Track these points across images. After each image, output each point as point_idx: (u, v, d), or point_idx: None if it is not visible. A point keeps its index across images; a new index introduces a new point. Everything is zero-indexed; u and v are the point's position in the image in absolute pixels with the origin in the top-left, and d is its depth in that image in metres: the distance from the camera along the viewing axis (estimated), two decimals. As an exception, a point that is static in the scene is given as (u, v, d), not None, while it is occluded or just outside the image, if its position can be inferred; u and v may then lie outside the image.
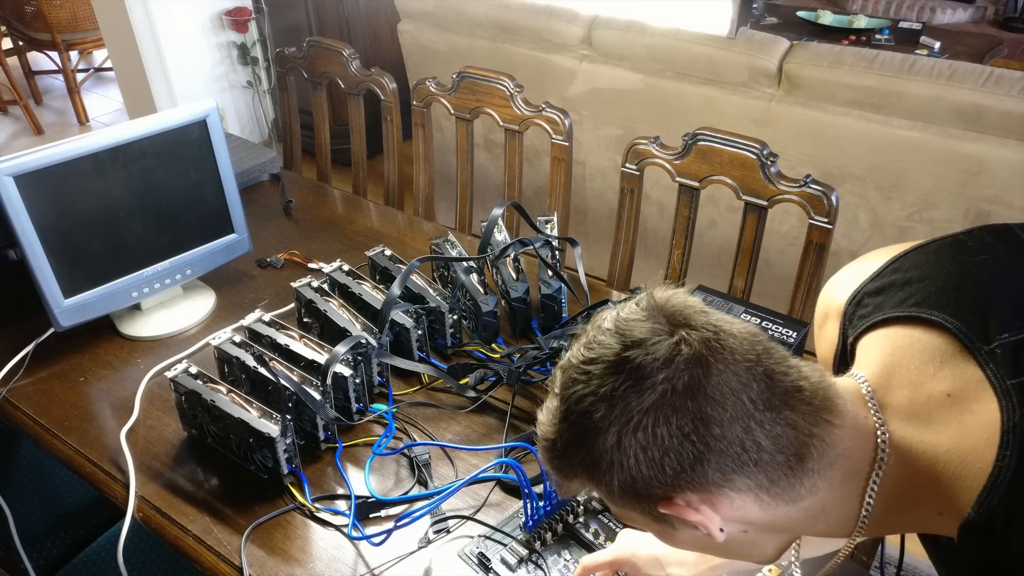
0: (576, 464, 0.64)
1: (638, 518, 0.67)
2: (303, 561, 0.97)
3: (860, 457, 0.64)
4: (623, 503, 0.65)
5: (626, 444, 0.61)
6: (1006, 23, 3.99)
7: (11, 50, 4.26)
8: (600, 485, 0.64)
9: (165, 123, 1.30)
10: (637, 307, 0.64)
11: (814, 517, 0.65)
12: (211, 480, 1.08)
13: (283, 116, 2.13)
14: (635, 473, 0.61)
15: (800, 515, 0.64)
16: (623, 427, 0.60)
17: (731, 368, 0.61)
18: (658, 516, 0.64)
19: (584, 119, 2.42)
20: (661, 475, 0.61)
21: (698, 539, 0.67)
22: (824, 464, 0.63)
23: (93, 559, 1.40)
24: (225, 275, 1.49)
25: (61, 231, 1.23)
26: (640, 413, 0.60)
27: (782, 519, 0.64)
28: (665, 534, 0.69)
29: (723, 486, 0.61)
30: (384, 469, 1.09)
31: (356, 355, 1.14)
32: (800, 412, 0.62)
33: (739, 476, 0.61)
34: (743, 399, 0.60)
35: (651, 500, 0.63)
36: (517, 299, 1.30)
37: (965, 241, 0.73)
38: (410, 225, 1.73)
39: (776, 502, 0.63)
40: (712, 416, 0.60)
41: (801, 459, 0.62)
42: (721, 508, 0.62)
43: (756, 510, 0.63)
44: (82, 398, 1.23)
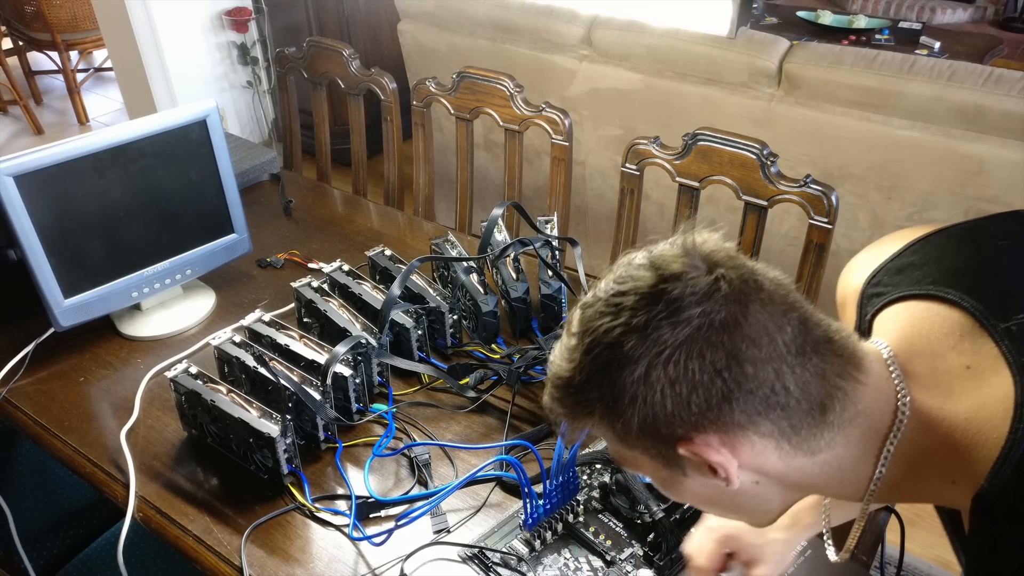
0: (594, 400, 0.62)
1: (646, 463, 0.66)
2: (303, 561, 0.97)
3: (880, 418, 0.63)
4: (637, 444, 0.64)
5: (654, 377, 0.59)
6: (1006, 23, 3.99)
7: (11, 50, 4.26)
8: (616, 423, 0.62)
9: (165, 123, 1.30)
10: (671, 247, 0.63)
11: (828, 474, 0.65)
12: (211, 480, 1.08)
13: (283, 116, 2.13)
14: (659, 409, 0.60)
15: (815, 470, 0.64)
16: (653, 359, 0.59)
17: (767, 309, 0.60)
18: (670, 460, 0.63)
19: (584, 119, 2.42)
20: (686, 412, 0.59)
21: (707, 488, 0.66)
22: (845, 419, 0.62)
23: (93, 559, 1.40)
24: (225, 275, 1.49)
25: (61, 231, 1.23)
26: (673, 346, 0.58)
27: (796, 472, 0.64)
28: (672, 481, 0.68)
29: (747, 428, 0.60)
30: (384, 469, 1.09)
31: (356, 355, 1.14)
32: (829, 362, 0.61)
33: (764, 419, 0.60)
34: (777, 341, 0.59)
35: (670, 440, 0.62)
36: (517, 299, 1.30)
37: (987, 227, 0.73)
38: (410, 225, 1.73)
39: (795, 452, 0.62)
40: (746, 354, 0.59)
41: (824, 410, 0.61)
42: (742, 452, 0.61)
43: (774, 458, 0.62)
44: (82, 398, 1.23)
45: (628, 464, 0.69)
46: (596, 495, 1.03)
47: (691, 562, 0.91)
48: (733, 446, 0.61)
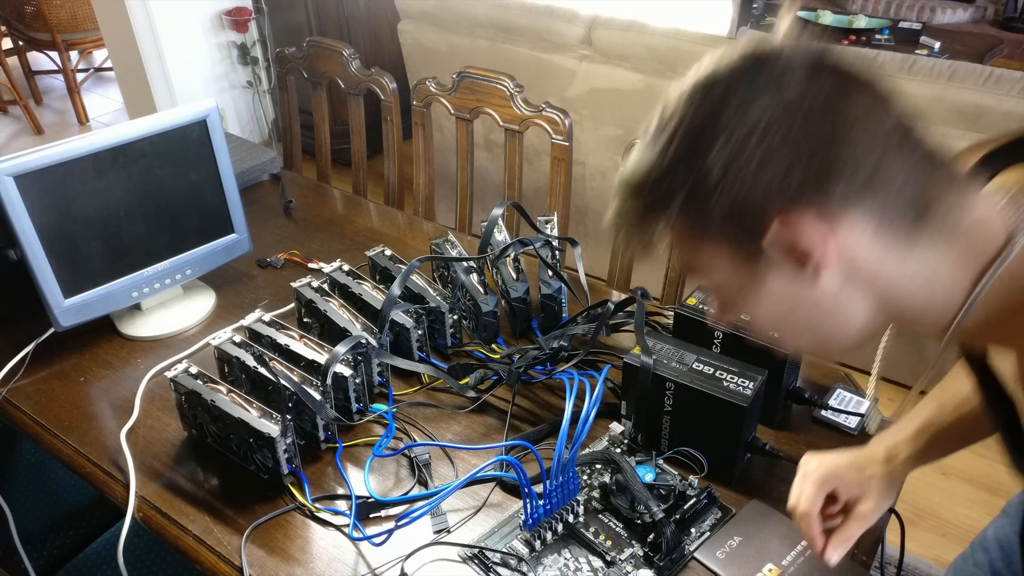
0: (676, 185, 0.58)
1: (723, 263, 0.62)
2: (303, 561, 0.97)
3: (985, 241, 0.59)
4: (718, 235, 0.60)
5: (750, 149, 0.55)
6: (1006, 23, 3.99)
7: (11, 50, 4.26)
8: (699, 211, 0.58)
9: (165, 123, 1.30)
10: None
11: (917, 287, 0.60)
12: (211, 480, 1.08)
13: (283, 116, 2.13)
14: (751, 185, 0.56)
15: (905, 276, 0.60)
16: (750, 131, 0.55)
17: (871, 93, 0.57)
18: (753, 254, 0.59)
19: (584, 119, 2.42)
20: (784, 186, 0.56)
21: (788, 292, 0.61)
22: (947, 227, 0.59)
23: (93, 559, 1.40)
24: (225, 275, 1.49)
25: (61, 231, 1.23)
26: (773, 118, 0.55)
27: (886, 274, 0.60)
28: (748, 286, 0.63)
29: (846, 209, 0.56)
30: (384, 469, 1.09)
31: (356, 355, 1.14)
32: (935, 164, 0.58)
33: (864, 202, 0.56)
34: (884, 125, 0.57)
35: (759, 223, 0.58)
36: (517, 299, 1.30)
37: None
38: (410, 225, 1.73)
39: (890, 247, 0.58)
40: (853, 128, 0.55)
41: (925, 211, 0.58)
42: (838, 236, 0.57)
43: (867, 250, 0.58)
44: (82, 398, 1.23)
45: (701, 271, 0.65)
46: (596, 495, 1.03)
47: (794, 512, 0.90)
48: (830, 226, 0.57)
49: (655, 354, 1.05)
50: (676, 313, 1.18)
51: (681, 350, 1.06)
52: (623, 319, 1.26)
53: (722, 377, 1.01)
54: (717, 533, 0.98)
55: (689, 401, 1.02)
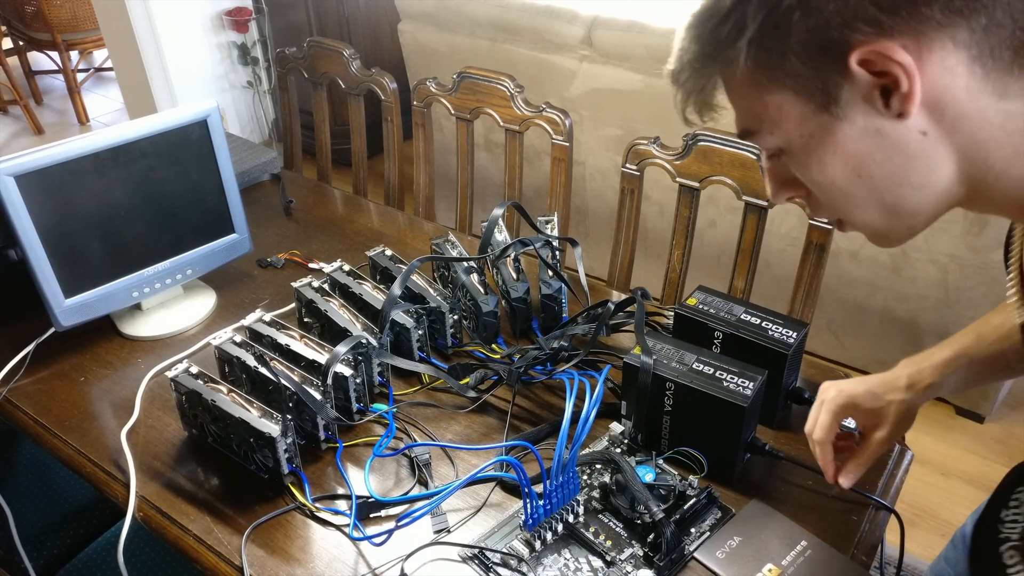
0: (747, 11, 0.53)
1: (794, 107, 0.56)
2: (303, 561, 0.97)
3: None
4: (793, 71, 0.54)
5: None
6: (1006, 23, 3.99)
7: (11, 50, 4.26)
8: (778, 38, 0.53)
9: (165, 123, 1.30)
10: None
11: (1008, 135, 0.54)
12: (211, 480, 1.08)
13: (283, 116, 2.13)
14: (837, 4, 0.51)
15: (996, 124, 0.54)
16: None
17: None
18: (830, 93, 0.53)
19: (584, 119, 2.42)
20: (872, 6, 0.50)
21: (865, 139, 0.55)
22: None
23: (93, 559, 1.40)
24: (225, 275, 1.49)
25: (61, 231, 1.23)
26: None
27: (977, 117, 0.54)
28: (820, 135, 0.56)
29: (944, 28, 0.50)
30: (384, 469, 1.09)
31: (356, 355, 1.14)
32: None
33: (964, 23, 0.50)
34: None
35: (843, 51, 0.52)
36: (517, 299, 1.30)
37: None
38: (410, 225, 1.73)
39: (984, 83, 0.52)
40: None
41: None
42: (930, 64, 0.51)
43: (961, 85, 0.52)
44: (82, 398, 1.23)
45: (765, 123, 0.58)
46: (596, 495, 1.03)
47: (810, 439, 0.91)
48: (921, 53, 0.51)
49: (655, 354, 1.05)
50: (676, 313, 1.18)
51: (681, 350, 1.06)
52: (623, 319, 1.26)
53: (722, 377, 1.01)
54: (717, 533, 0.98)
55: (689, 401, 1.02)
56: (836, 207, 0.62)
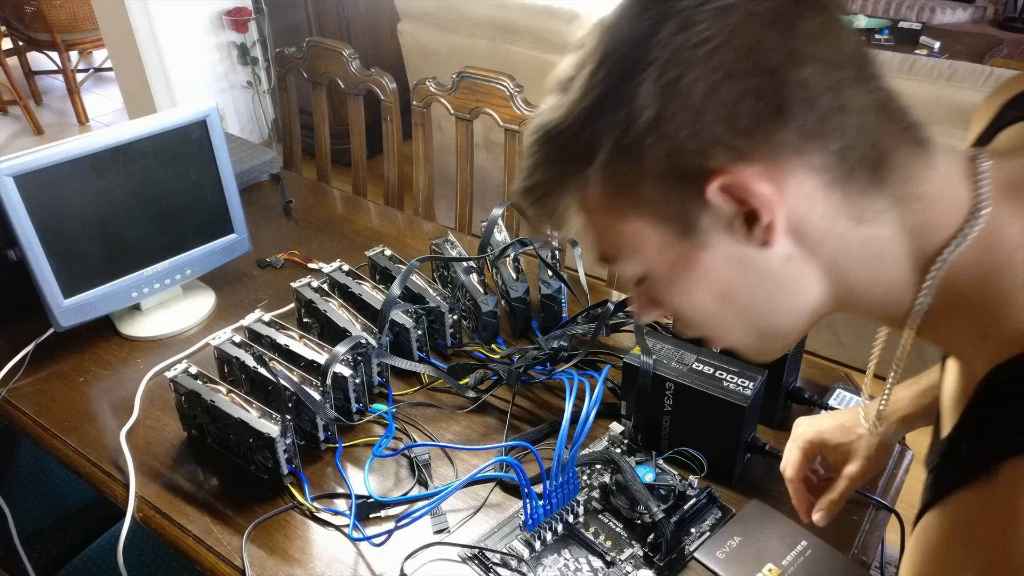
0: (600, 133, 0.49)
1: (652, 237, 0.52)
2: (303, 561, 0.97)
3: (942, 216, 0.51)
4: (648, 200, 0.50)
5: (689, 81, 0.46)
6: (1006, 23, 3.99)
7: (11, 50, 4.26)
8: (626, 167, 0.49)
9: (165, 123, 1.30)
10: None
11: (867, 260, 0.52)
12: (211, 480, 1.08)
13: (283, 116, 2.13)
14: (693, 128, 0.47)
15: (855, 249, 0.52)
16: (690, 58, 0.46)
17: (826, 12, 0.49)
18: (689, 222, 0.50)
19: (584, 119, 2.42)
20: (729, 129, 0.47)
21: (729, 267, 0.53)
22: (902, 193, 0.51)
23: (93, 559, 1.40)
24: (225, 275, 1.49)
25: (61, 231, 1.23)
26: (716, 38, 0.46)
27: (835, 243, 0.52)
28: (682, 264, 0.53)
29: (800, 155, 0.48)
30: (384, 469, 1.09)
31: (356, 355, 1.14)
32: (891, 109, 0.51)
33: (819, 147, 0.48)
34: (840, 47, 0.48)
35: (699, 179, 0.48)
36: (517, 299, 1.30)
37: None
38: (410, 225, 1.73)
39: (841, 209, 0.50)
40: (805, 52, 0.47)
41: (882, 163, 0.50)
42: (789, 192, 0.49)
43: (819, 211, 0.50)
44: (82, 398, 1.23)
45: (623, 252, 0.55)
46: (596, 495, 1.03)
47: (785, 477, 0.90)
48: (780, 181, 0.49)
49: (655, 354, 1.05)
50: (676, 313, 1.18)
51: (681, 350, 1.06)
52: (623, 319, 1.26)
53: (722, 377, 1.01)
54: (717, 533, 0.98)
55: (689, 401, 1.02)
56: (706, 331, 0.59)
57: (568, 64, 0.52)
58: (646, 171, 0.49)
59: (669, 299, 0.57)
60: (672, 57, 0.46)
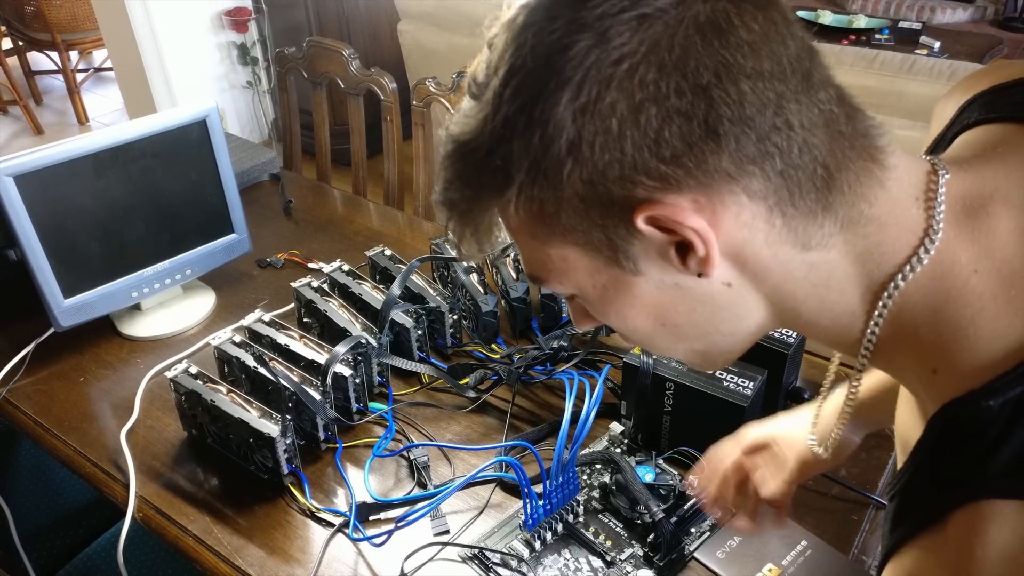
0: (514, 156, 0.44)
1: (581, 262, 0.49)
2: (303, 561, 0.97)
3: (894, 240, 0.48)
4: (572, 226, 0.46)
5: (609, 103, 0.42)
6: (1006, 23, 3.99)
7: (11, 50, 4.26)
8: (545, 194, 0.45)
9: (165, 123, 1.29)
10: None
11: (812, 286, 0.49)
12: (211, 480, 1.08)
13: (283, 116, 2.13)
14: (613, 155, 0.43)
15: (800, 275, 0.49)
16: (609, 75, 0.41)
17: (767, 14, 0.44)
18: (618, 248, 0.47)
19: (584, 119, 2.42)
20: (654, 156, 0.42)
21: (663, 292, 0.49)
22: (851, 216, 0.47)
23: (93, 559, 1.40)
24: (225, 275, 1.49)
25: (61, 231, 1.23)
26: (638, 52, 0.41)
27: (780, 270, 0.48)
28: (615, 290, 0.50)
29: (736, 181, 0.44)
30: (384, 469, 1.09)
31: (356, 355, 1.14)
32: (838, 125, 0.46)
33: (758, 170, 0.44)
34: (780, 56, 0.44)
35: (625, 208, 0.44)
36: (517, 299, 1.30)
37: None
38: (410, 225, 1.73)
39: (785, 235, 0.47)
40: (741, 66, 0.42)
41: (830, 182, 0.46)
42: (724, 219, 0.45)
43: (760, 238, 0.46)
44: (82, 398, 1.23)
45: (553, 276, 0.51)
46: (596, 495, 1.03)
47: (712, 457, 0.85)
48: (715, 210, 0.44)
49: (655, 354, 1.05)
50: (676, 313, 1.18)
51: (681, 350, 1.06)
52: (623, 319, 1.26)
53: (722, 377, 1.01)
54: (717, 533, 0.98)
55: (689, 401, 1.02)
56: (644, 346, 0.57)
57: (481, 64, 0.47)
58: (566, 198, 0.45)
59: (605, 320, 0.54)
60: (588, 76, 0.42)
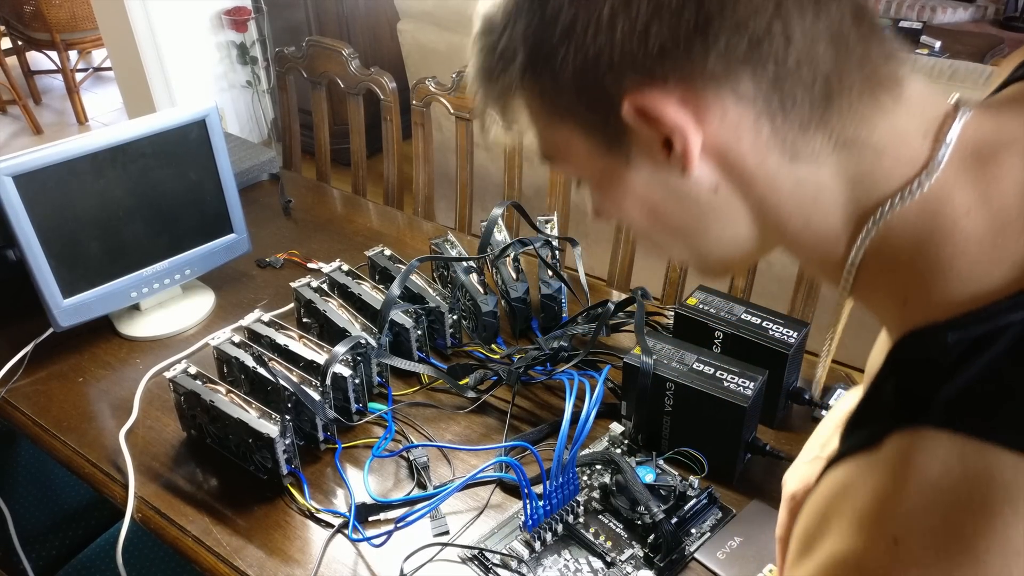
0: (518, 39, 0.47)
1: (580, 146, 0.50)
2: (303, 561, 0.97)
3: (889, 170, 0.47)
4: (569, 110, 0.49)
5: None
6: (1006, 22, 3.99)
7: (10, 50, 4.26)
8: (544, 75, 0.47)
9: (164, 123, 1.29)
10: None
11: (798, 203, 0.49)
12: (210, 480, 1.08)
13: (282, 116, 2.13)
14: (602, 45, 0.44)
15: (787, 188, 0.48)
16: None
17: None
18: (611, 135, 0.48)
19: (584, 119, 2.42)
20: (640, 49, 0.44)
21: (653, 186, 0.50)
22: (847, 137, 0.46)
23: (92, 559, 1.40)
24: (224, 275, 1.49)
25: (60, 231, 1.23)
26: None
27: (765, 179, 0.48)
28: (610, 178, 0.51)
29: (722, 83, 0.44)
30: (384, 470, 1.09)
31: (355, 355, 1.14)
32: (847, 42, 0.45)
33: (747, 74, 0.44)
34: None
35: (613, 97, 0.46)
36: (517, 299, 1.30)
37: None
38: (410, 225, 1.73)
39: (772, 143, 0.46)
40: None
41: (828, 99, 0.45)
42: (709, 117, 0.45)
43: (747, 143, 0.46)
44: (81, 398, 1.23)
45: (559, 156, 0.53)
46: (596, 496, 1.02)
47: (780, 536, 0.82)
48: (699, 108, 0.45)
49: (655, 354, 1.05)
50: (676, 313, 1.18)
51: (681, 350, 1.06)
52: (623, 319, 1.26)
53: (722, 377, 1.01)
54: (717, 534, 0.98)
55: (689, 401, 1.02)
56: (645, 243, 0.58)
57: None
58: (563, 83, 0.47)
59: (604, 208, 0.55)
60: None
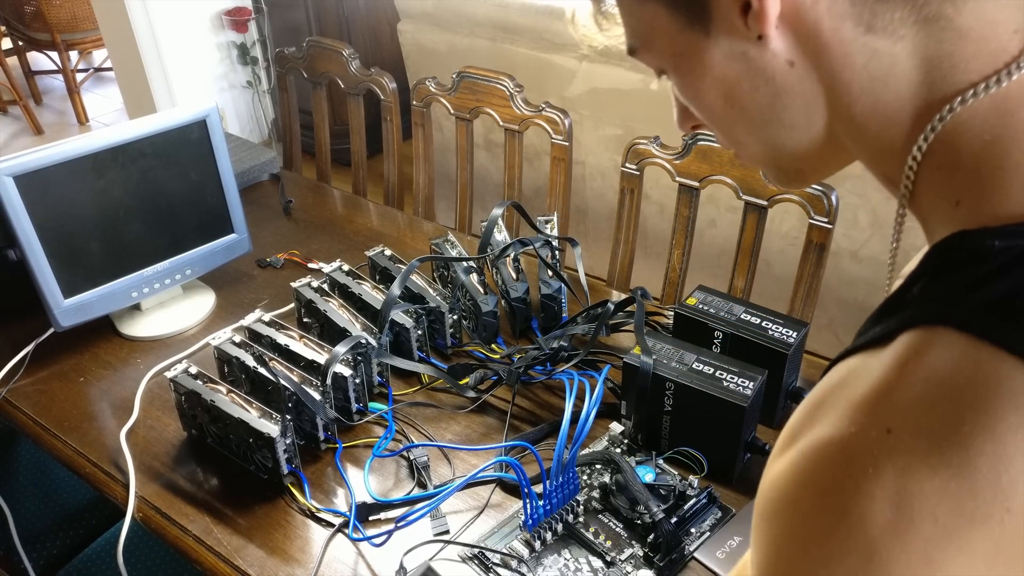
0: None
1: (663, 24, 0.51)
2: (303, 561, 0.97)
3: (970, 58, 0.45)
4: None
5: None
6: (1006, 23, 3.99)
7: (11, 50, 4.26)
8: None
9: (165, 123, 1.30)
10: None
11: (871, 79, 0.47)
12: (211, 480, 1.08)
13: (283, 116, 2.13)
14: None
15: (859, 62, 0.47)
16: None
17: None
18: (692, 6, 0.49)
19: (584, 119, 2.42)
20: None
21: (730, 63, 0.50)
22: (931, 12, 0.44)
23: (93, 559, 1.40)
24: (225, 275, 1.49)
25: (61, 231, 1.23)
26: None
27: (839, 52, 0.47)
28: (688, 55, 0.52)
29: None
30: (384, 469, 1.09)
31: (356, 355, 1.14)
32: None
33: None
34: None
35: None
36: (517, 299, 1.30)
37: None
38: (410, 225, 1.73)
39: (849, 7, 0.45)
40: None
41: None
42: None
43: (822, 7, 0.45)
44: (82, 398, 1.23)
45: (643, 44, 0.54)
46: (596, 495, 1.03)
47: None
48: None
49: (655, 354, 1.05)
50: (676, 313, 1.18)
51: (681, 350, 1.06)
52: (623, 319, 1.26)
53: (722, 377, 1.01)
54: (717, 533, 0.98)
55: (689, 401, 1.02)
56: (722, 135, 0.57)
57: None
58: None
59: (684, 96, 0.55)
60: None
